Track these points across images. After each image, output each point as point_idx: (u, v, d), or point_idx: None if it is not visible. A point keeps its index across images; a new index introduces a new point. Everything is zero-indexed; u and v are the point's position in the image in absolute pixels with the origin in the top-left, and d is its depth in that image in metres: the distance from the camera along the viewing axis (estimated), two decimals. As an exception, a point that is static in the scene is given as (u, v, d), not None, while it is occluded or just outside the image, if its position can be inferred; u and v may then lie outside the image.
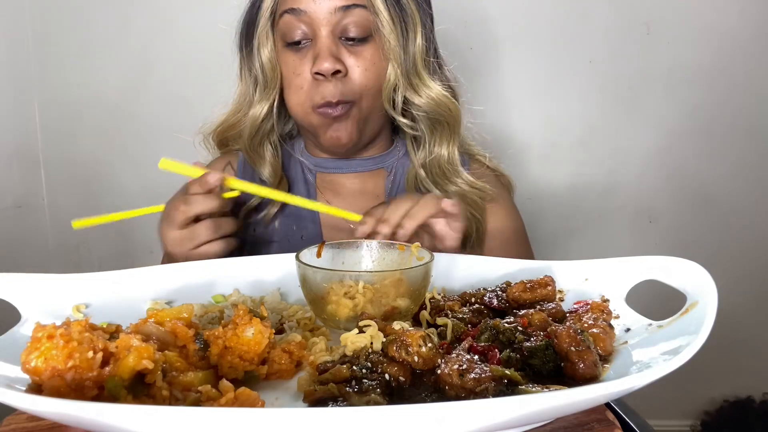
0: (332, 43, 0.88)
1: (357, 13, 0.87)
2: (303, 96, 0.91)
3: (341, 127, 0.91)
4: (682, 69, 1.60)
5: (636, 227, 1.71)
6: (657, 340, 0.51)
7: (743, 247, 1.70)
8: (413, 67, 0.92)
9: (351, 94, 0.90)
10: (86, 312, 0.65)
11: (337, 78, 0.88)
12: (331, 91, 0.88)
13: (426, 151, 0.98)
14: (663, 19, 1.58)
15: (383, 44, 0.89)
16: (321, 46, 0.88)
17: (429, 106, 0.94)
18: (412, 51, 0.91)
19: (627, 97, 1.62)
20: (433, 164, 0.98)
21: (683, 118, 1.63)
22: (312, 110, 0.91)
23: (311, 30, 0.89)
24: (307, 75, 0.90)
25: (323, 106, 0.89)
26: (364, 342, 0.52)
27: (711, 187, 1.68)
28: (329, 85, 0.88)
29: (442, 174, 0.98)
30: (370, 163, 1.02)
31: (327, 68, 0.86)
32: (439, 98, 0.94)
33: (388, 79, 0.91)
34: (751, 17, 1.58)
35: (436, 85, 0.94)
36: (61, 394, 0.41)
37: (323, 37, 0.88)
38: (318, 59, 0.87)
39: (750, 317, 1.72)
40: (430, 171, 0.98)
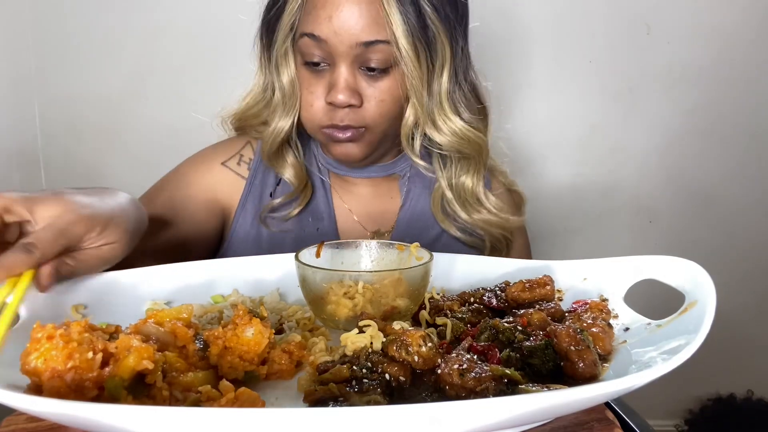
0: (350, 75, 0.84)
1: (379, 48, 0.82)
2: (312, 113, 0.88)
3: (350, 147, 0.89)
4: (682, 69, 1.60)
5: (636, 227, 1.71)
6: (656, 339, 0.51)
7: (742, 247, 1.70)
8: (438, 104, 0.87)
9: (361, 122, 0.86)
10: (85, 312, 0.65)
11: (348, 109, 0.85)
12: (341, 117, 0.85)
13: (452, 173, 0.96)
14: (663, 19, 1.58)
15: (404, 80, 0.84)
16: (338, 76, 0.84)
17: (451, 144, 0.90)
18: (437, 88, 0.86)
19: (627, 97, 1.62)
20: (459, 189, 0.96)
21: (683, 118, 1.64)
22: (319, 129, 0.89)
23: (330, 58, 0.84)
24: (320, 95, 0.86)
25: (330, 128, 0.87)
26: (364, 342, 0.52)
27: (711, 187, 1.68)
28: (340, 112, 0.85)
29: (467, 201, 0.96)
30: (382, 170, 1.00)
31: (341, 101, 0.83)
32: (463, 133, 0.89)
33: (406, 119, 0.88)
34: (751, 17, 1.58)
35: (460, 120, 0.89)
36: (61, 395, 0.41)
37: (341, 67, 0.83)
38: (333, 89, 0.84)
39: (749, 317, 1.72)
40: (457, 194, 0.96)
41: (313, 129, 0.90)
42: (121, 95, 1.60)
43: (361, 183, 1.01)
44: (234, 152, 0.99)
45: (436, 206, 0.97)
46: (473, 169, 0.94)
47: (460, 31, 0.88)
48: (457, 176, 0.95)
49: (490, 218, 0.95)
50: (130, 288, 0.70)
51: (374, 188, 1.01)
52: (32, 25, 1.56)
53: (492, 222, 0.96)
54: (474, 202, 0.96)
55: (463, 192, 0.96)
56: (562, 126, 1.64)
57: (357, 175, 1.00)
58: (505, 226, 0.97)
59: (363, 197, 1.00)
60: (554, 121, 1.64)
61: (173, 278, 0.72)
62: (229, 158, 0.98)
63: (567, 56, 1.60)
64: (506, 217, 0.97)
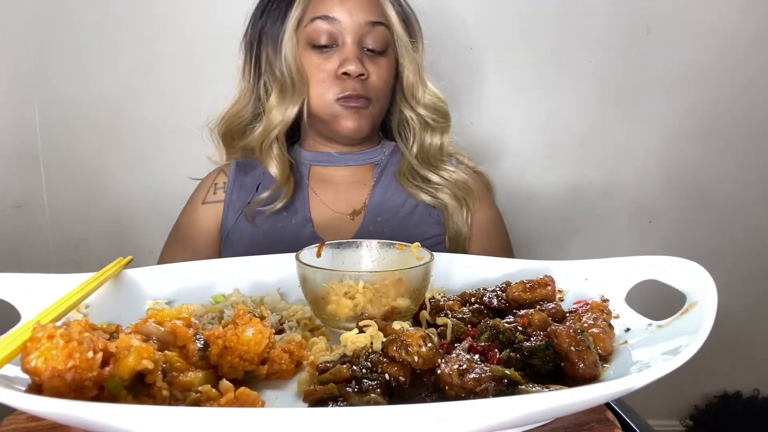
0: (358, 50, 1.00)
1: (380, 29, 1.01)
2: (325, 88, 1.01)
3: (359, 118, 1.02)
4: (682, 69, 1.60)
5: (636, 227, 1.71)
6: (657, 340, 0.51)
7: (743, 247, 1.70)
8: (420, 71, 1.08)
9: (370, 93, 1.02)
10: (86, 312, 0.65)
11: (360, 79, 1.00)
12: (354, 87, 0.99)
13: (418, 143, 1.11)
14: (663, 19, 1.58)
15: (401, 53, 1.05)
16: (349, 51, 0.99)
17: (432, 102, 1.09)
18: (419, 59, 1.08)
19: (627, 97, 1.62)
20: (426, 152, 1.10)
21: (683, 118, 1.63)
22: (334, 101, 1.01)
23: (340, 37, 1.00)
24: (330, 71, 1.00)
25: (346, 98, 1.00)
26: (364, 342, 0.52)
27: (711, 187, 1.68)
28: (352, 82, 0.99)
29: (435, 159, 1.10)
30: (362, 157, 1.12)
31: (354, 70, 0.98)
32: (438, 95, 1.10)
33: (407, 80, 1.07)
34: (751, 17, 1.58)
35: (434, 88, 1.10)
36: (61, 394, 0.41)
37: (350, 44, 0.99)
38: (347, 62, 0.98)
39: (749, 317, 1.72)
40: (422, 159, 1.10)
41: (327, 103, 1.02)
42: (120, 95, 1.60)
43: (339, 172, 1.11)
44: (208, 186, 1.13)
45: (402, 177, 1.09)
46: (440, 130, 1.11)
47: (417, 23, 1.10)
48: (424, 141, 1.11)
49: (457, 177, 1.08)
50: (130, 288, 0.70)
51: (351, 175, 1.11)
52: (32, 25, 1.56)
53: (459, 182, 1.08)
54: (443, 158, 1.11)
55: (431, 152, 1.10)
56: (562, 126, 1.64)
57: (339, 164, 1.11)
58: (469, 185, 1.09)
59: (339, 185, 1.10)
60: (554, 121, 1.64)
61: (174, 278, 0.73)
62: (206, 194, 1.12)
63: (567, 56, 1.60)
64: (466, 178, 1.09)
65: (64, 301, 0.58)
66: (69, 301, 0.58)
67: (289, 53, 1.00)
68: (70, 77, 1.59)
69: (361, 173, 1.12)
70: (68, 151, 1.63)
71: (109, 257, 0.73)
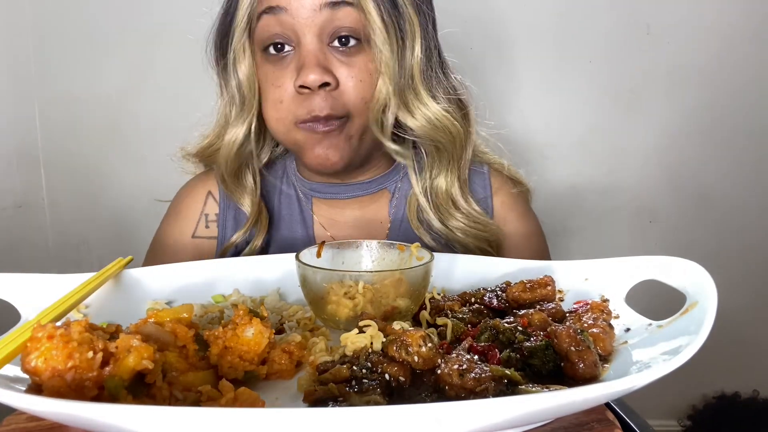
0: (319, 51, 0.76)
1: (346, 12, 0.74)
2: (283, 111, 0.79)
3: (331, 144, 0.79)
4: (682, 69, 1.60)
5: (636, 227, 1.71)
6: (657, 340, 0.51)
7: (743, 247, 1.70)
8: (409, 82, 0.79)
9: (342, 109, 0.77)
10: (86, 312, 0.65)
11: (326, 91, 0.76)
12: (319, 105, 0.75)
13: (426, 176, 0.87)
14: (663, 19, 1.58)
15: (376, 54, 0.76)
16: (306, 53, 0.75)
17: (424, 130, 0.81)
18: (409, 64, 0.78)
19: (627, 97, 1.62)
20: (433, 192, 0.87)
21: (683, 118, 1.63)
22: (294, 126, 0.79)
23: (294, 34, 0.76)
24: (288, 87, 0.77)
25: (309, 121, 0.77)
26: (364, 342, 0.52)
27: (711, 187, 1.68)
28: (316, 98, 0.76)
29: (441, 206, 0.87)
30: (371, 186, 0.90)
31: (313, 80, 0.74)
32: (438, 119, 0.81)
33: (377, 98, 0.78)
34: (751, 17, 1.58)
35: (435, 103, 0.81)
36: (61, 394, 0.41)
37: (308, 43, 0.75)
38: (303, 70, 0.74)
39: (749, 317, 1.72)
40: (430, 200, 0.87)
41: (286, 129, 0.80)
42: (120, 95, 1.60)
43: (347, 207, 0.91)
44: (197, 217, 0.94)
45: (411, 212, 0.89)
46: (446, 167, 0.86)
47: (426, 12, 0.81)
48: (432, 177, 0.87)
49: (465, 227, 0.86)
50: (130, 287, 0.70)
51: (361, 211, 0.92)
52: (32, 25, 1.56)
53: (469, 231, 0.86)
54: (449, 207, 0.87)
55: (436, 196, 0.87)
56: (562, 126, 1.64)
57: (343, 196, 0.90)
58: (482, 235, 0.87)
59: (348, 226, 0.91)
60: (554, 121, 1.64)
61: (174, 278, 0.72)
62: (195, 228, 0.94)
63: (567, 56, 1.60)
64: (485, 221, 0.87)
65: (64, 301, 0.58)
66: (69, 301, 0.58)
67: (239, 65, 0.80)
68: (70, 77, 1.59)
69: (374, 206, 0.92)
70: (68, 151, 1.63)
71: (109, 257, 0.73)
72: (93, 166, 1.64)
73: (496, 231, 0.89)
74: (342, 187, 0.91)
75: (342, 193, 0.91)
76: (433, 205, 0.87)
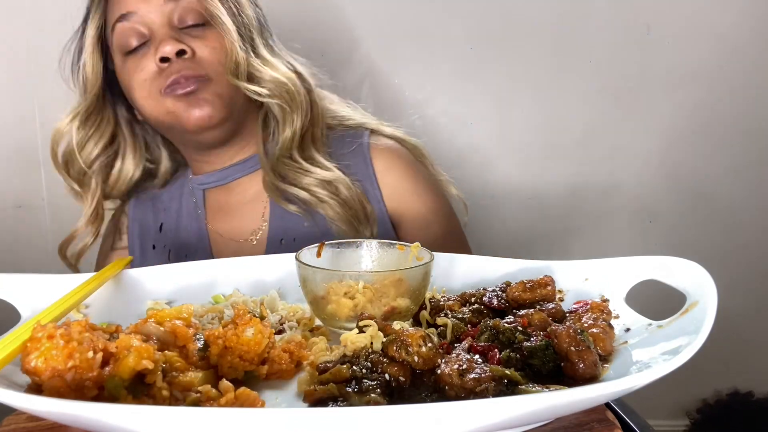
0: (171, 31, 0.87)
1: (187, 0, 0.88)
2: (147, 87, 0.88)
3: (200, 102, 0.87)
4: (682, 69, 1.60)
5: (636, 227, 1.71)
6: (657, 340, 0.51)
7: (743, 247, 1.70)
8: (250, 41, 0.91)
9: (201, 70, 0.87)
10: (86, 312, 0.65)
11: (184, 59, 0.86)
12: (176, 69, 0.86)
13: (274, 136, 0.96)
14: (663, 19, 1.58)
15: (218, 25, 0.88)
16: (161, 35, 0.86)
17: (271, 86, 0.91)
18: (247, 31, 0.91)
19: (627, 97, 1.62)
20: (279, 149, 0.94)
21: (683, 118, 1.63)
22: (160, 95, 0.88)
23: (147, 29, 0.88)
24: (149, 67, 0.87)
25: (172, 86, 0.86)
26: (364, 342, 0.52)
27: (711, 187, 1.68)
28: (174, 65, 0.86)
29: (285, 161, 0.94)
30: (247, 165, 0.99)
31: (169, 50, 0.85)
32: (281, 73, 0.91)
33: (229, 57, 0.88)
34: (751, 17, 1.58)
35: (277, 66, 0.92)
36: (61, 394, 0.41)
37: (159, 29, 0.87)
38: (160, 46, 0.85)
39: (750, 317, 1.71)
40: (276, 158, 0.94)
41: (155, 104, 0.89)
42: (121, 95, 1.60)
43: (233, 190, 1.00)
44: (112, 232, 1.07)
45: (264, 183, 0.95)
46: (292, 123, 0.93)
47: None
48: (279, 134, 0.94)
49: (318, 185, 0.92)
50: (131, 288, 0.70)
51: (244, 194, 1.00)
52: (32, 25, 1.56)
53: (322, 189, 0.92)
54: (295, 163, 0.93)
55: (281, 153, 0.93)
56: (562, 126, 1.64)
57: (228, 180, 0.99)
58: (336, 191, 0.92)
59: (233, 208, 1.00)
60: (554, 121, 1.64)
61: (174, 278, 0.73)
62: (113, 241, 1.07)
63: (567, 56, 1.60)
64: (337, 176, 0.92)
65: (64, 301, 0.58)
66: (69, 301, 0.58)
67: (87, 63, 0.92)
68: (70, 77, 1.59)
69: (256, 187, 0.99)
70: (68, 151, 1.63)
71: (109, 257, 0.73)
72: (93, 166, 1.64)
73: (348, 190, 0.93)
74: (224, 172, 0.99)
75: (226, 178, 1.00)
76: (277, 163, 0.94)
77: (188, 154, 1.03)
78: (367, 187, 0.97)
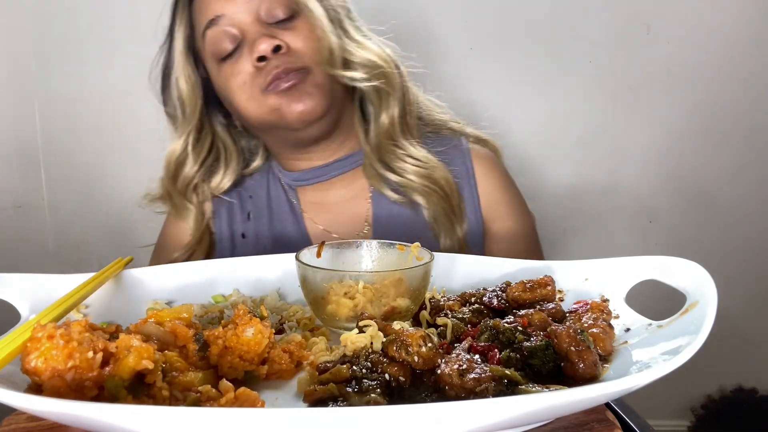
0: (263, 27, 0.85)
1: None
2: (248, 89, 0.86)
3: (302, 95, 0.85)
4: (682, 69, 1.60)
5: (636, 227, 1.71)
6: (657, 340, 0.51)
7: (743, 247, 1.70)
8: (341, 26, 0.90)
9: (299, 62, 0.86)
10: (86, 312, 0.65)
11: (280, 54, 0.85)
12: (275, 64, 0.84)
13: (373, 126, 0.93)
14: (663, 19, 1.58)
15: (308, 14, 0.87)
16: (252, 33, 0.85)
17: (365, 69, 0.89)
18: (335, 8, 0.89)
19: (627, 97, 1.62)
20: (378, 137, 0.93)
21: (683, 117, 1.63)
22: (262, 94, 0.86)
23: (239, 30, 0.86)
24: (246, 69, 0.86)
25: (271, 83, 0.85)
26: (364, 342, 0.52)
27: (711, 187, 1.68)
28: (272, 62, 0.84)
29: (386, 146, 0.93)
30: (348, 162, 0.97)
31: (264, 48, 0.83)
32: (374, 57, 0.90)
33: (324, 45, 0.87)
34: (751, 17, 1.58)
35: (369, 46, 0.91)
36: (61, 394, 0.41)
37: (251, 28, 0.85)
38: (255, 45, 0.84)
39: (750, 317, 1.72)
40: (376, 146, 0.93)
41: (258, 104, 0.87)
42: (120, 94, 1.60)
43: (332, 187, 0.97)
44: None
45: (366, 169, 0.94)
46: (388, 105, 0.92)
47: None
48: (375, 119, 0.92)
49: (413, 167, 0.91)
50: (130, 288, 0.70)
51: (346, 189, 0.97)
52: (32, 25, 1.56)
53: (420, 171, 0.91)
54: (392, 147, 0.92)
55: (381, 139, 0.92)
56: (562, 126, 1.64)
57: (326, 177, 0.96)
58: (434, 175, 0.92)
59: (334, 205, 0.97)
60: (554, 121, 1.64)
61: (174, 278, 0.73)
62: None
63: (567, 56, 1.60)
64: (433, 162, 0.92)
65: (64, 301, 0.58)
66: (69, 301, 0.58)
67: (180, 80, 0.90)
68: (70, 77, 1.59)
69: (359, 185, 0.97)
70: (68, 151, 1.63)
71: (109, 257, 0.73)
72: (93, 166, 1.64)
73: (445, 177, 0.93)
74: (322, 169, 0.96)
75: (324, 175, 0.97)
76: (378, 149, 0.93)
77: (284, 154, 0.99)
78: (465, 190, 0.96)
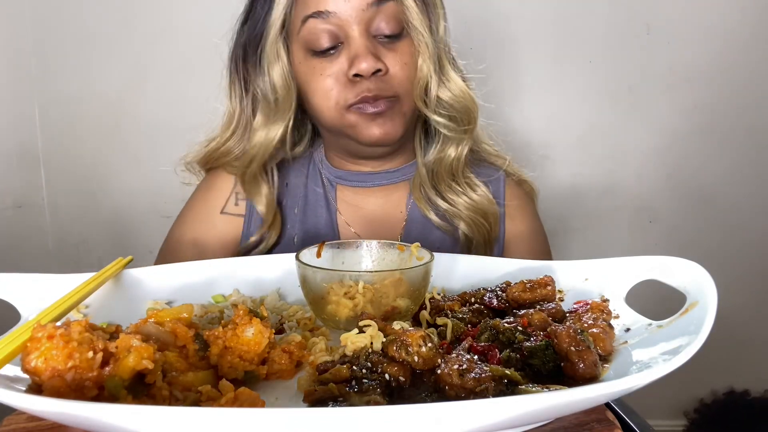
0: (368, 41, 0.81)
1: (389, 7, 0.81)
2: (334, 99, 0.84)
3: (385, 121, 0.84)
4: (682, 69, 1.60)
5: (636, 227, 1.71)
6: (657, 340, 0.51)
7: (743, 247, 1.70)
8: (441, 60, 0.87)
9: (390, 90, 0.83)
10: (86, 312, 0.65)
11: (377, 77, 0.82)
12: (368, 87, 0.81)
13: (436, 150, 0.92)
14: (663, 19, 1.58)
15: (415, 38, 0.84)
16: (357, 45, 0.81)
17: (453, 102, 0.87)
18: (439, 43, 0.87)
19: (627, 97, 1.63)
20: (437, 165, 0.92)
21: (683, 118, 1.64)
22: (345, 110, 0.84)
23: (342, 32, 0.82)
24: (337, 74, 0.83)
25: (359, 103, 0.82)
26: (364, 342, 0.52)
27: (711, 186, 1.68)
28: (365, 83, 0.81)
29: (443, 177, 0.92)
30: (395, 175, 0.96)
31: (366, 68, 0.80)
32: (463, 92, 0.88)
33: (420, 77, 0.84)
34: (751, 17, 1.58)
35: (460, 79, 0.89)
36: (61, 394, 0.41)
37: (357, 37, 0.81)
38: (356, 60, 0.80)
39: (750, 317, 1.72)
40: (433, 172, 0.92)
41: (339, 115, 0.84)
42: (120, 94, 1.60)
43: (371, 195, 0.96)
44: (227, 195, 0.97)
45: (415, 188, 0.93)
46: (460, 138, 0.90)
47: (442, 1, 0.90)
48: (439, 151, 0.91)
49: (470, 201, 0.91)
50: (130, 288, 0.70)
51: (384, 200, 0.96)
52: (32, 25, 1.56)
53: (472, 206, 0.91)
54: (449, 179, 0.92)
55: (440, 165, 0.91)
56: (562, 126, 1.64)
57: (368, 185, 0.95)
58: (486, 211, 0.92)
59: (369, 213, 0.95)
60: (554, 121, 1.64)
61: (174, 278, 0.72)
62: (225, 204, 0.97)
63: (567, 56, 1.60)
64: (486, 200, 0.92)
65: (64, 301, 0.58)
66: (69, 301, 0.58)
67: (273, 68, 0.85)
68: (71, 77, 1.59)
69: (395, 196, 0.96)
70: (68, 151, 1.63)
71: (109, 257, 0.73)
72: (93, 166, 1.64)
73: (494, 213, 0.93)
74: (369, 176, 0.95)
75: (368, 182, 0.96)
76: (434, 176, 0.92)
77: (336, 152, 0.97)
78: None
